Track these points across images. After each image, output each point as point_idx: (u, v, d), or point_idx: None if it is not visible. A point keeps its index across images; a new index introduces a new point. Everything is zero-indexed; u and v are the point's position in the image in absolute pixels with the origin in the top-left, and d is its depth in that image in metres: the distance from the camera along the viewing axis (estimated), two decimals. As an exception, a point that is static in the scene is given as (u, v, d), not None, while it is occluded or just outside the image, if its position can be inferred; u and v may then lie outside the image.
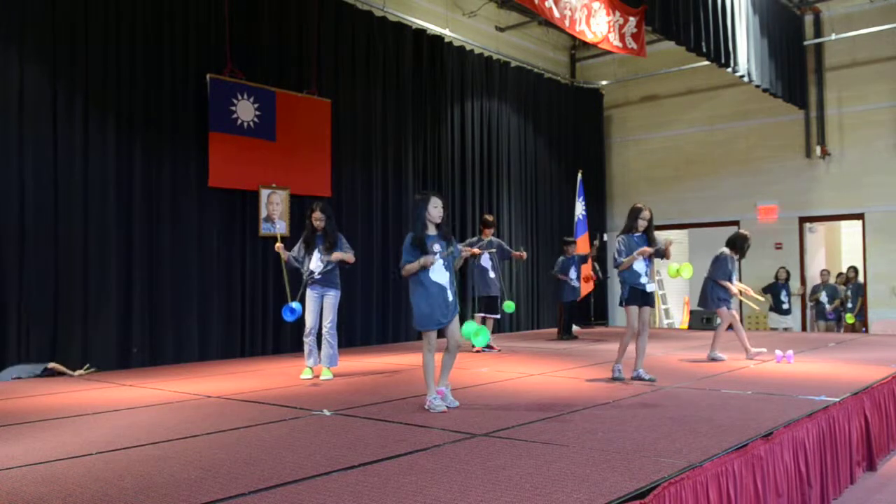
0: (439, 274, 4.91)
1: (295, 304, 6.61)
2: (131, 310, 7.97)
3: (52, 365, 7.10)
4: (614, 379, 6.26)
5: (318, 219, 6.67)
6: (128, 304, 7.95)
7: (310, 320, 6.70)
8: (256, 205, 9.10)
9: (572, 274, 10.46)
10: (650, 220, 6.35)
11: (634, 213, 6.37)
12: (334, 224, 6.80)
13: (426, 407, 4.92)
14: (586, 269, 11.48)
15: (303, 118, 9.59)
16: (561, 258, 10.65)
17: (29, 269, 7.22)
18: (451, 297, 4.94)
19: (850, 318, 12.59)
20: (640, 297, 6.27)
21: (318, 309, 6.72)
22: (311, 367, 6.76)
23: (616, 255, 6.36)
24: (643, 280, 6.25)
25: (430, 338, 4.94)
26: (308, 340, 6.73)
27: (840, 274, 13.49)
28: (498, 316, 9.24)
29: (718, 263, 7.83)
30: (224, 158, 8.74)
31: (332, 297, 6.71)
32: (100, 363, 7.58)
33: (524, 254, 9.42)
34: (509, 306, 8.71)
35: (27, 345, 7.18)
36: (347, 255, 6.71)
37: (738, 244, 7.89)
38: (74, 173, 7.58)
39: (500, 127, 13.05)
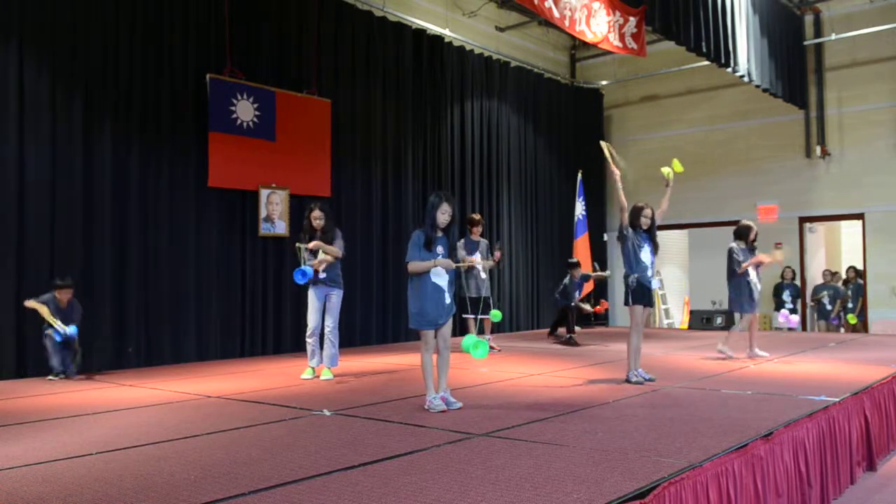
0: (440, 276, 4.96)
1: (307, 268, 6.44)
2: (130, 310, 7.96)
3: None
4: (637, 383, 6.09)
5: (317, 217, 6.63)
6: (127, 304, 7.94)
7: (313, 320, 6.68)
8: (256, 205, 9.10)
9: (577, 296, 10.24)
10: (652, 219, 6.33)
11: (636, 212, 6.36)
12: (333, 223, 6.78)
13: (426, 407, 4.93)
14: (588, 286, 11.42)
15: (303, 118, 9.59)
16: (566, 282, 10.18)
17: (27, 269, 7.22)
18: (448, 300, 4.99)
19: (851, 319, 12.57)
20: (646, 295, 6.29)
21: (322, 308, 6.70)
22: (312, 367, 6.76)
23: (622, 239, 6.37)
24: (649, 273, 6.29)
25: (427, 337, 4.97)
26: (311, 341, 6.72)
27: (835, 273, 13.47)
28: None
29: (729, 260, 7.92)
30: (224, 158, 8.74)
31: (335, 297, 6.70)
32: (98, 363, 7.57)
33: (499, 254, 9.14)
34: (496, 315, 8.53)
35: (27, 345, 7.16)
36: (331, 249, 6.52)
37: (741, 232, 7.98)
38: (74, 173, 7.58)
39: (500, 127, 13.04)
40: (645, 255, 6.29)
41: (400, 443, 3.97)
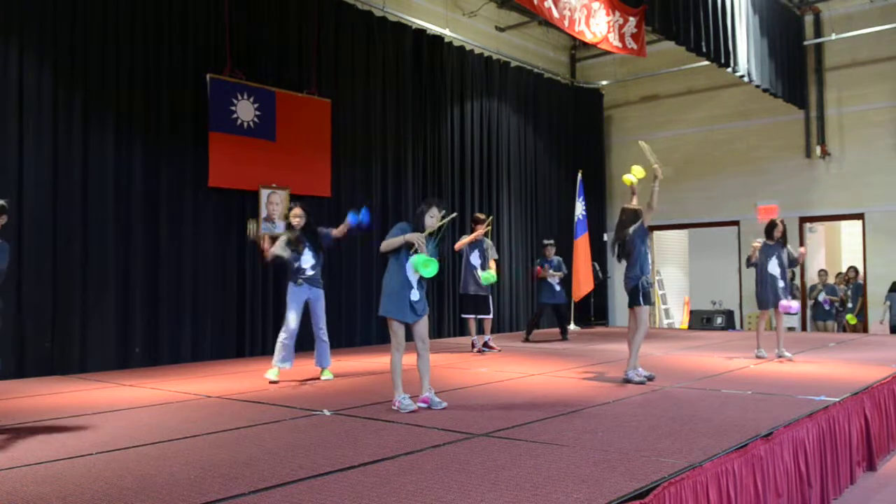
0: (411, 272, 5.00)
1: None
2: (131, 310, 7.96)
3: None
4: (639, 383, 6.08)
5: (297, 215, 6.47)
6: (127, 304, 7.94)
7: (293, 321, 6.42)
8: (256, 205, 9.10)
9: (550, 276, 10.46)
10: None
11: (638, 216, 6.46)
12: (313, 225, 6.59)
13: (394, 408, 4.92)
14: (580, 278, 11.58)
15: (303, 118, 9.59)
16: (538, 259, 10.76)
17: (28, 269, 7.21)
18: (415, 297, 4.99)
19: (851, 319, 12.57)
20: (649, 295, 6.32)
21: (303, 310, 6.52)
22: (278, 368, 6.41)
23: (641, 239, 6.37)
24: (648, 270, 6.35)
25: (396, 335, 4.99)
26: (285, 340, 6.41)
27: (839, 274, 13.47)
28: (490, 316, 9.17)
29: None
30: (224, 158, 8.74)
31: (320, 299, 6.63)
32: (100, 363, 7.58)
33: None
34: (488, 277, 8.57)
35: (26, 345, 7.17)
36: (340, 229, 6.58)
37: (765, 229, 7.96)
38: (74, 173, 7.58)
39: (500, 127, 13.04)
40: (650, 256, 6.41)
41: (400, 443, 3.97)
